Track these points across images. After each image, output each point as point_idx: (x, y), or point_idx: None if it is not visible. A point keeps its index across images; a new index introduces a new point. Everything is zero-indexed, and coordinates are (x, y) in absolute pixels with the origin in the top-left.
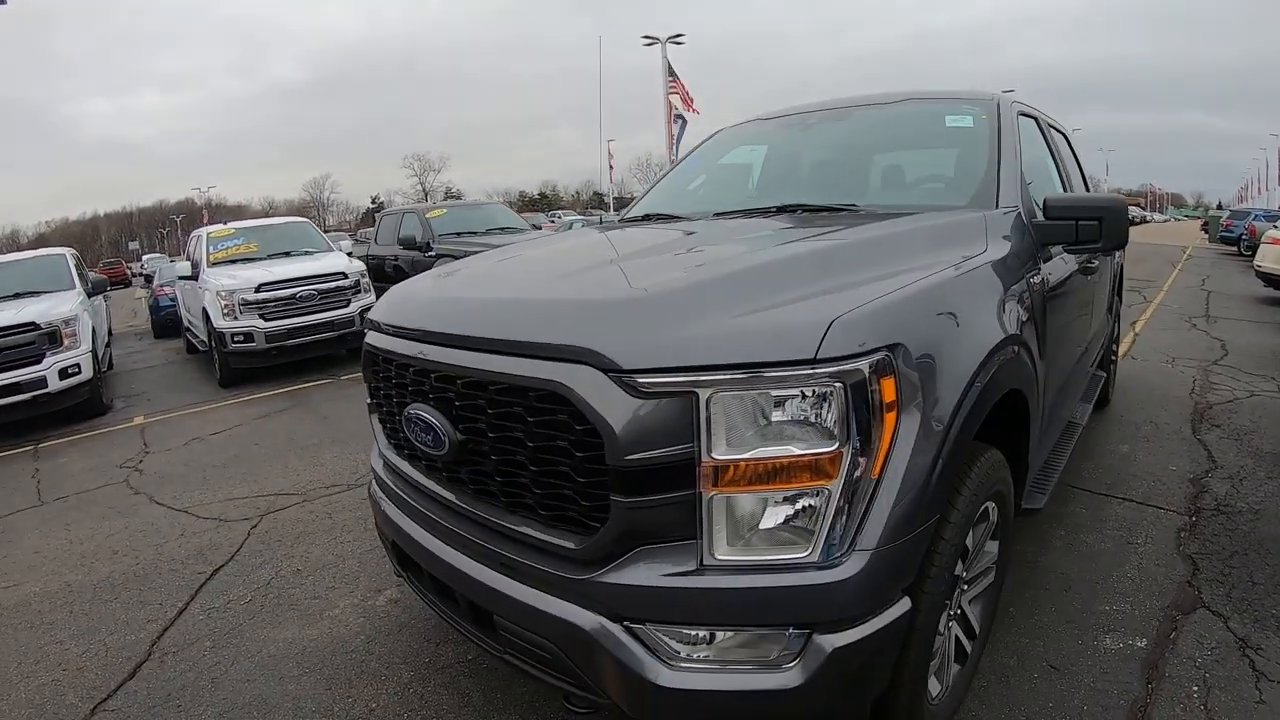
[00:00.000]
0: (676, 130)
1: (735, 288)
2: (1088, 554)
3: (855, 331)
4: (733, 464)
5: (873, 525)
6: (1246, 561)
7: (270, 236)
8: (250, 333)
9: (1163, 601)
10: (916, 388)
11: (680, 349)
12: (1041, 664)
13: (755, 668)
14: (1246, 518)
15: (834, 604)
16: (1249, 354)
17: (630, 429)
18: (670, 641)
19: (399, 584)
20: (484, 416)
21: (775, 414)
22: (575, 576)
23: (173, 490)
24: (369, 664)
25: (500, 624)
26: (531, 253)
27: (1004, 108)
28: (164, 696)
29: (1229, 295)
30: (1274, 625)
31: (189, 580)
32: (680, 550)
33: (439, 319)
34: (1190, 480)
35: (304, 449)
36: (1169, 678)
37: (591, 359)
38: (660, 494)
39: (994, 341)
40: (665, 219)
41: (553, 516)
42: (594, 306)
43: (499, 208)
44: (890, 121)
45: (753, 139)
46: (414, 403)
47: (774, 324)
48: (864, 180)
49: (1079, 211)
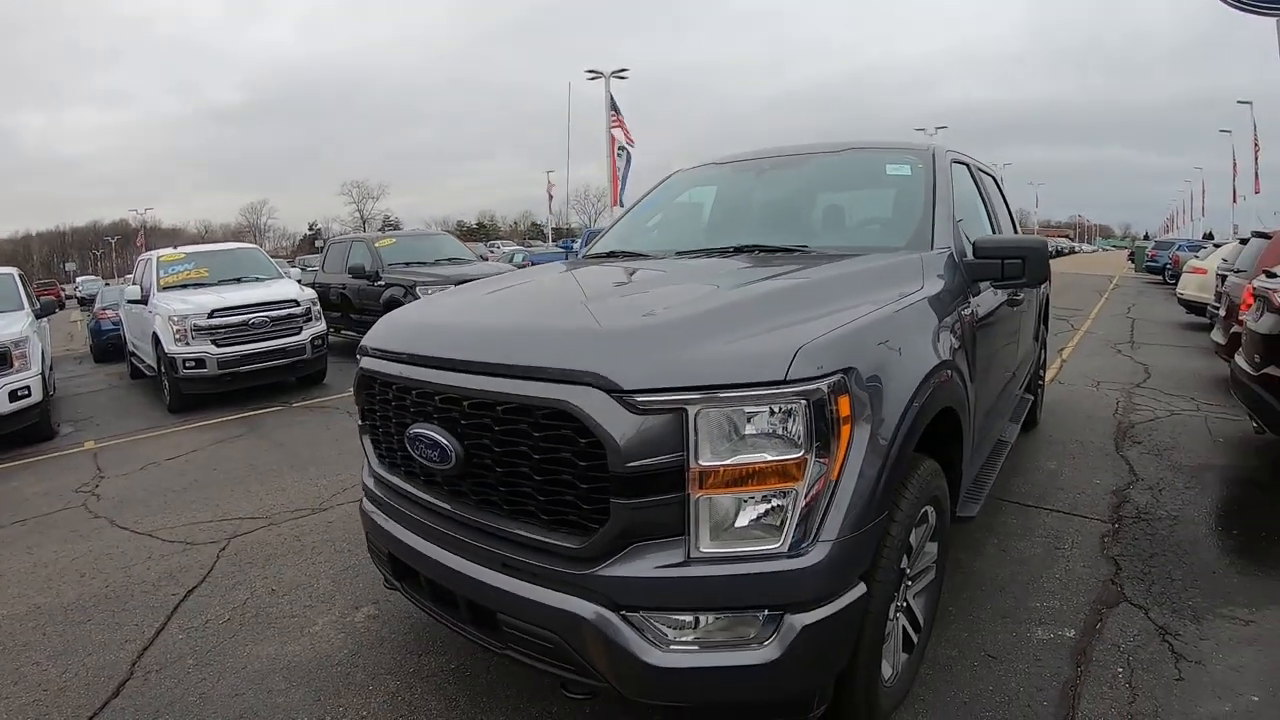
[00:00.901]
0: (621, 164)
1: (715, 321)
2: (1019, 559)
3: (816, 357)
4: (716, 469)
5: (833, 520)
6: (1165, 561)
7: (221, 262)
8: (203, 358)
9: (1089, 597)
10: (866, 405)
11: (672, 372)
12: (980, 654)
13: (736, 646)
14: (1166, 523)
15: (802, 587)
16: (1170, 376)
17: (630, 441)
18: (661, 627)
19: (376, 601)
20: (489, 433)
21: (751, 427)
22: (576, 572)
23: (134, 514)
24: (355, 676)
25: (504, 620)
26: (520, 286)
27: (938, 156)
28: (152, 713)
29: (1153, 322)
30: (1190, 615)
31: (162, 601)
32: (670, 545)
33: (444, 346)
34: (1113, 492)
35: (264, 474)
36: (1096, 662)
37: (596, 381)
38: (655, 496)
39: (930, 366)
40: (631, 256)
41: (553, 520)
42: (596, 336)
43: (447, 238)
44: (836, 169)
45: (706, 181)
46: (418, 423)
47: (750, 351)
48: (813, 223)
49: (1005, 252)
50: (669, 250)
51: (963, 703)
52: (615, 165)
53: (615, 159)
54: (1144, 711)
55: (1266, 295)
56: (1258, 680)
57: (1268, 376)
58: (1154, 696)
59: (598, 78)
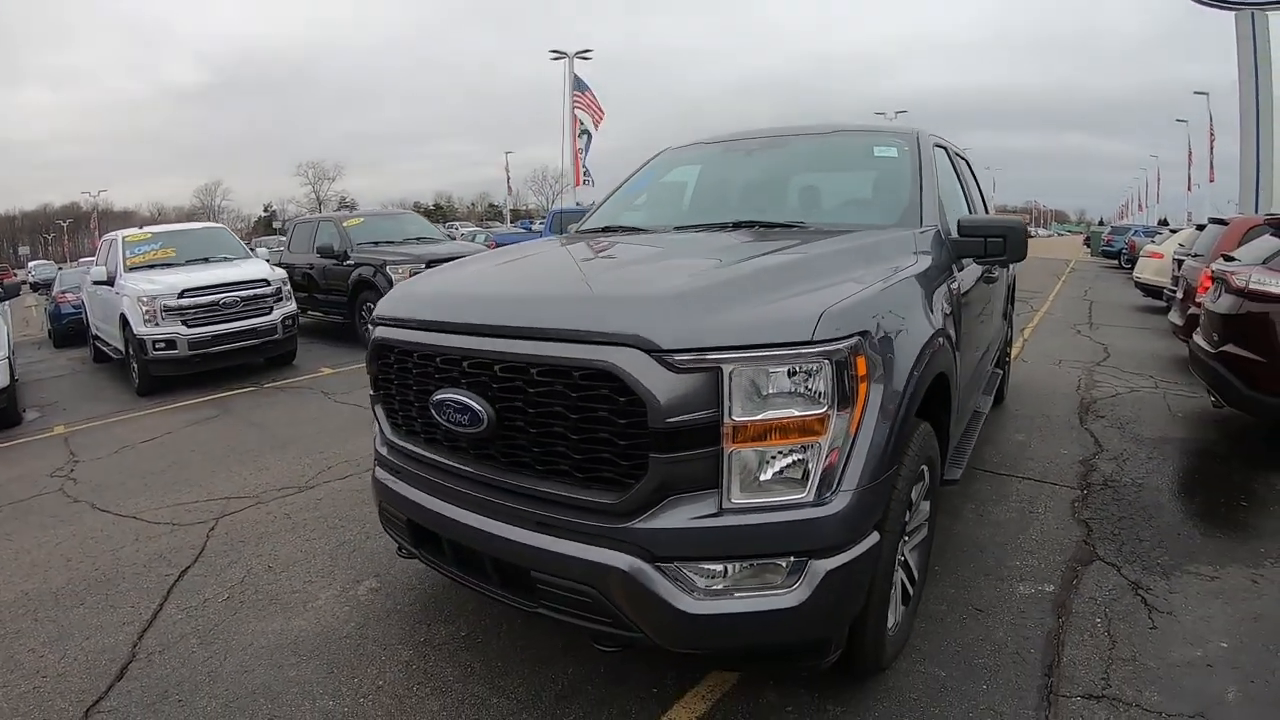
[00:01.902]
0: (583, 144)
1: (744, 286)
2: (996, 522)
3: (838, 321)
4: (748, 424)
5: (852, 471)
6: (1133, 524)
7: (188, 242)
8: (173, 339)
9: (1064, 556)
10: (879, 366)
11: (708, 333)
12: (968, 608)
13: (765, 592)
14: (1131, 490)
15: (826, 534)
16: (1129, 356)
17: (669, 398)
18: (693, 576)
19: (378, 574)
20: (523, 395)
21: (780, 384)
22: (612, 525)
23: (114, 497)
24: (365, 647)
25: (537, 578)
26: (531, 258)
27: (922, 140)
28: (160, 693)
29: (1110, 305)
30: (1159, 571)
31: (156, 583)
32: (703, 497)
33: (472, 312)
34: (1080, 461)
35: (244, 454)
36: (1076, 613)
37: (637, 343)
38: (691, 451)
39: (929, 333)
40: (629, 231)
41: (587, 477)
42: (636, 300)
43: (414, 217)
44: (825, 150)
45: (694, 160)
46: (445, 388)
47: (779, 314)
48: (805, 201)
49: (987, 230)
50: (665, 225)
51: (955, 651)
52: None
53: (576, 140)
54: (1123, 657)
55: (1224, 277)
56: (1225, 629)
57: (1226, 354)
58: (1132, 644)
59: (561, 58)
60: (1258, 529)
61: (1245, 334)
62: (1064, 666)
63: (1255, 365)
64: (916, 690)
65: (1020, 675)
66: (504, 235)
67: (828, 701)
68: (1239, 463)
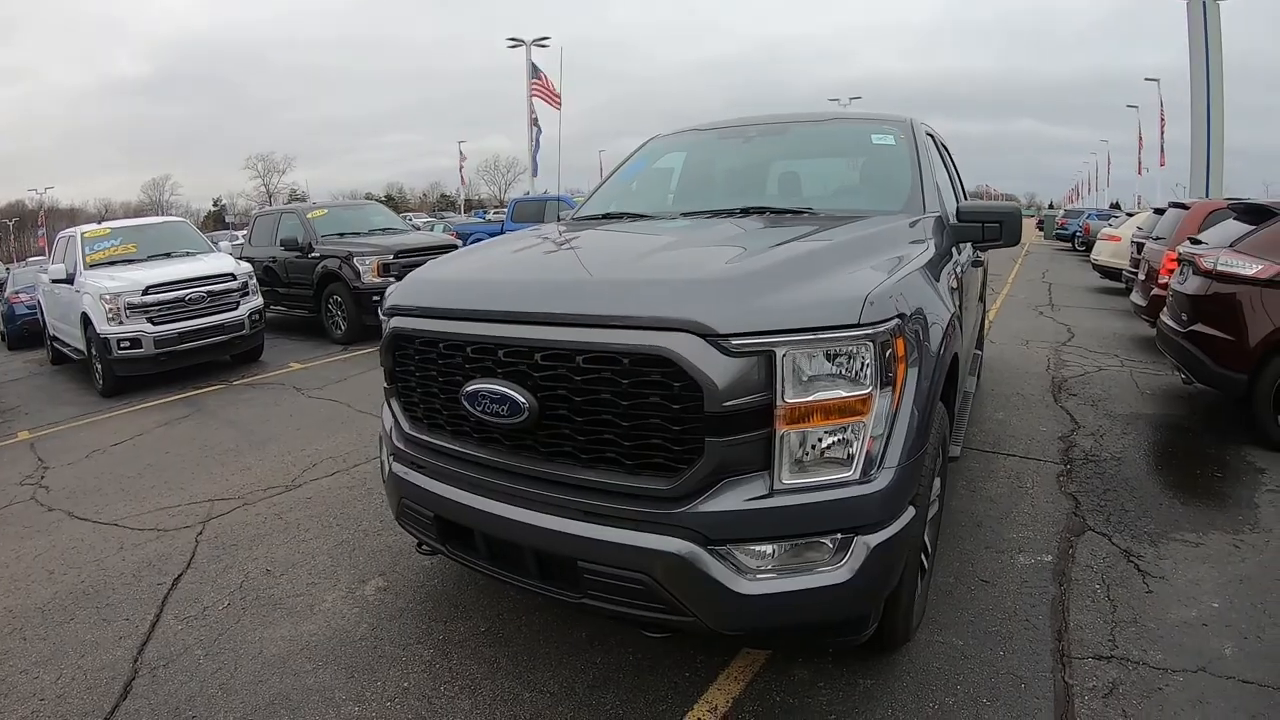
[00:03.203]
0: (534, 136)
1: (787, 271)
2: (989, 498)
3: (880, 303)
4: (799, 406)
5: (893, 448)
6: (1118, 496)
7: (150, 237)
8: (138, 338)
9: (1057, 528)
10: (914, 347)
11: (761, 317)
12: (974, 579)
13: (813, 570)
14: (1111, 464)
15: (871, 510)
16: (1093, 335)
17: (726, 382)
18: (745, 558)
19: (383, 572)
20: (567, 383)
21: (828, 366)
22: (665, 511)
23: (91, 504)
24: (383, 648)
25: (586, 567)
26: (545, 245)
27: (916, 127)
28: (171, 711)
29: (1069, 286)
30: (1148, 539)
31: (149, 593)
32: (755, 479)
33: (506, 300)
34: (1060, 438)
35: (223, 454)
36: (1076, 581)
37: (693, 327)
38: (746, 433)
39: (948, 316)
40: (634, 217)
41: (637, 464)
42: (689, 284)
43: (377, 207)
44: (822, 138)
45: (687, 147)
46: (478, 379)
47: (827, 298)
48: (809, 188)
49: (985, 216)
50: (671, 211)
51: (969, 620)
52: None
53: (532, 129)
54: (1125, 619)
55: (1193, 260)
56: (1215, 590)
57: (1195, 333)
58: (1131, 607)
59: (518, 45)
60: (1234, 498)
61: (1213, 314)
62: (1072, 631)
63: (1223, 343)
64: (939, 660)
65: (1033, 641)
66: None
67: (857, 675)
68: (1210, 436)
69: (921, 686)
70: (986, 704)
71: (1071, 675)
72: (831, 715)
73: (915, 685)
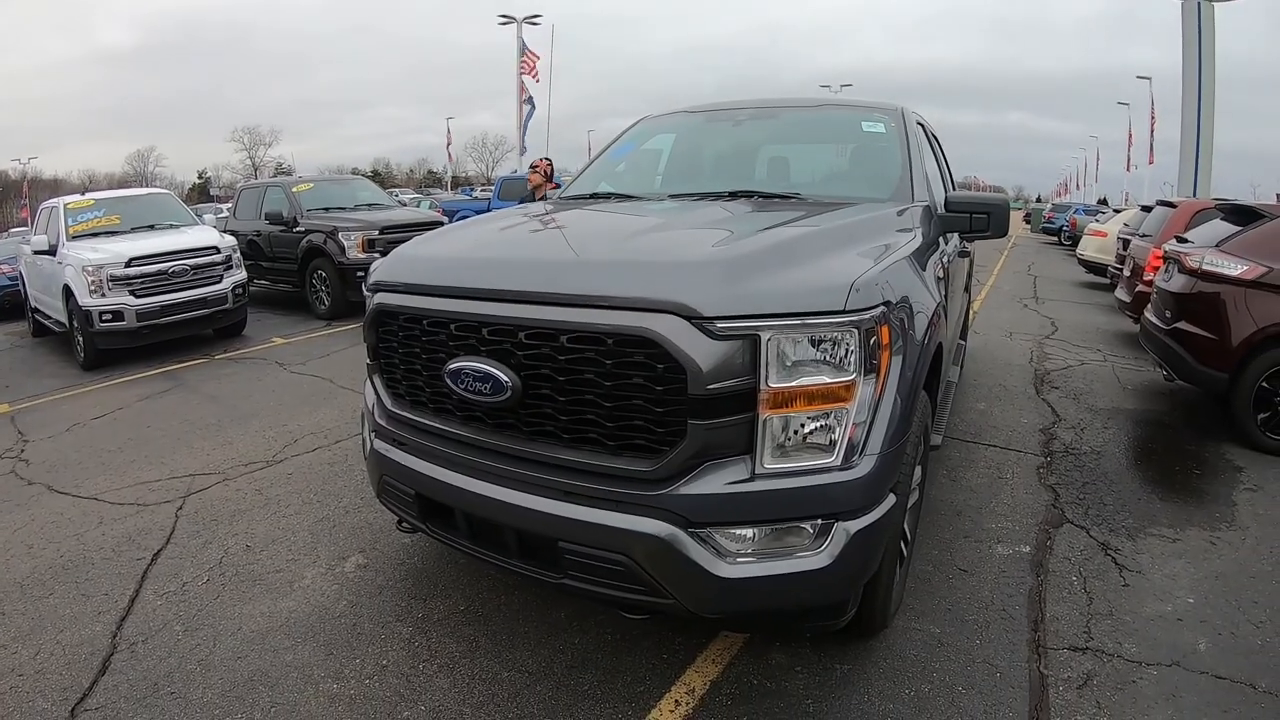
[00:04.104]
0: (527, 112)
1: (775, 255)
2: (969, 488)
3: (866, 290)
4: (782, 390)
5: (875, 436)
6: (1097, 489)
7: (133, 208)
8: (120, 310)
9: (1036, 519)
10: (899, 335)
11: (748, 301)
12: (953, 568)
13: (794, 554)
14: (1091, 457)
15: (852, 496)
16: (1076, 329)
17: (710, 365)
18: (725, 542)
19: (363, 549)
20: (551, 363)
21: (813, 352)
22: (646, 493)
23: (72, 478)
24: (362, 626)
25: (566, 548)
26: (531, 223)
27: (907, 116)
28: (150, 686)
29: (1054, 280)
30: (1125, 533)
31: (128, 568)
32: (737, 463)
33: (491, 277)
34: (1041, 430)
35: (204, 429)
36: (1053, 572)
37: (679, 309)
38: (729, 417)
39: (934, 305)
40: (622, 198)
41: (618, 445)
42: (676, 266)
43: (363, 182)
44: (813, 124)
45: (676, 129)
46: (461, 356)
47: (813, 283)
48: (797, 173)
49: (973, 207)
50: (659, 193)
51: (947, 609)
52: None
53: (522, 107)
54: (1101, 611)
55: (1178, 258)
56: (1190, 585)
57: (1178, 330)
58: (1107, 599)
59: (509, 23)
60: (1212, 495)
61: (1197, 312)
62: (1048, 622)
63: (1206, 341)
64: (916, 647)
65: (1009, 631)
66: (449, 203)
67: (834, 660)
68: (1190, 433)
69: (898, 673)
70: (962, 692)
71: (1047, 666)
72: (808, 700)
73: (892, 672)
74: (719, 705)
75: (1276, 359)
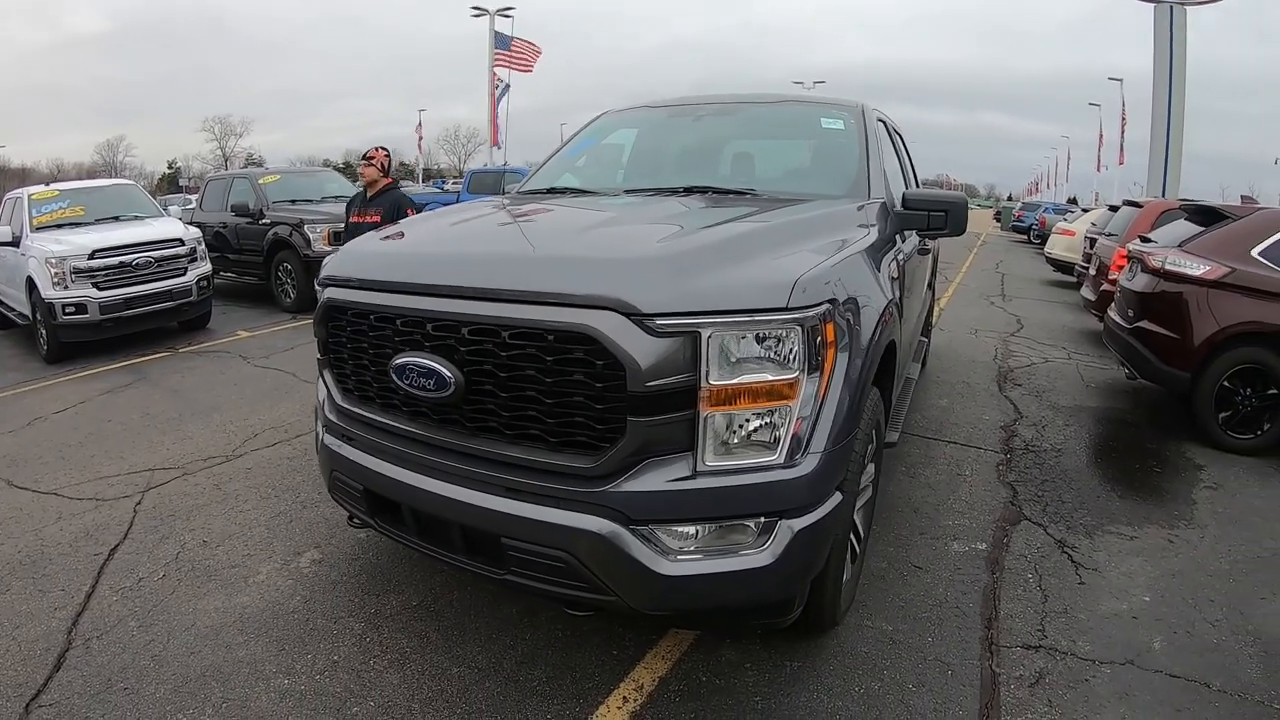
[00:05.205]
0: (499, 91)
1: (719, 252)
2: (927, 484)
3: (810, 288)
4: (723, 388)
5: (820, 434)
6: (1056, 487)
7: (98, 200)
8: (83, 303)
9: (993, 516)
10: (845, 333)
11: (688, 298)
12: (907, 565)
13: (736, 552)
14: (1052, 455)
15: (796, 495)
16: (1042, 327)
17: (648, 362)
18: (667, 539)
19: (318, 545)
20: (493, 359)
21: (755, 349)
22: (587, 490)
23: (31, 472)
24: (315, 621)
25: (509, 544)
26: (485, 219)
27: (867, 113)
28: (104, 682)
29: (1021, 278)
30: (1083, 531)
31: (85, 563)
32: (677, 461)
33: (436, 273)
34: (1002, 427)
35: (164, 423)
36: (1009, 569)
37: (617, 306)
38: (669, 414)
39: (884, 302)
40: (578, 193)
41: (560, 442)
42: (616, 262)
43: (331, 174)
44: (772, 119)
45: (637, 124)
46: (406, 352)
47: (756, 280)
48: (754, 169)
49: (931, 205)
50: (614, 189)
51: (900, 607)
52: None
53: (495, 99)
54: (1056, 610)
55: (1141, 258)
56: (1147, 584)
57: (1140, 330)
58: (1063, 597)
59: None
60: (1171, 493)
61: (1159, 312)
62: (1002, 619)
63: (1168, 341)
64: (868, 644)
65: (962, 628)
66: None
67: (784, 658)
68: (1152, 432)
69: (849, 670)
70: (912, 689)
71: (999, 664)
72: (757, 697)
73: (842, 669)
74: (667, 702)
75: (1238, 358)
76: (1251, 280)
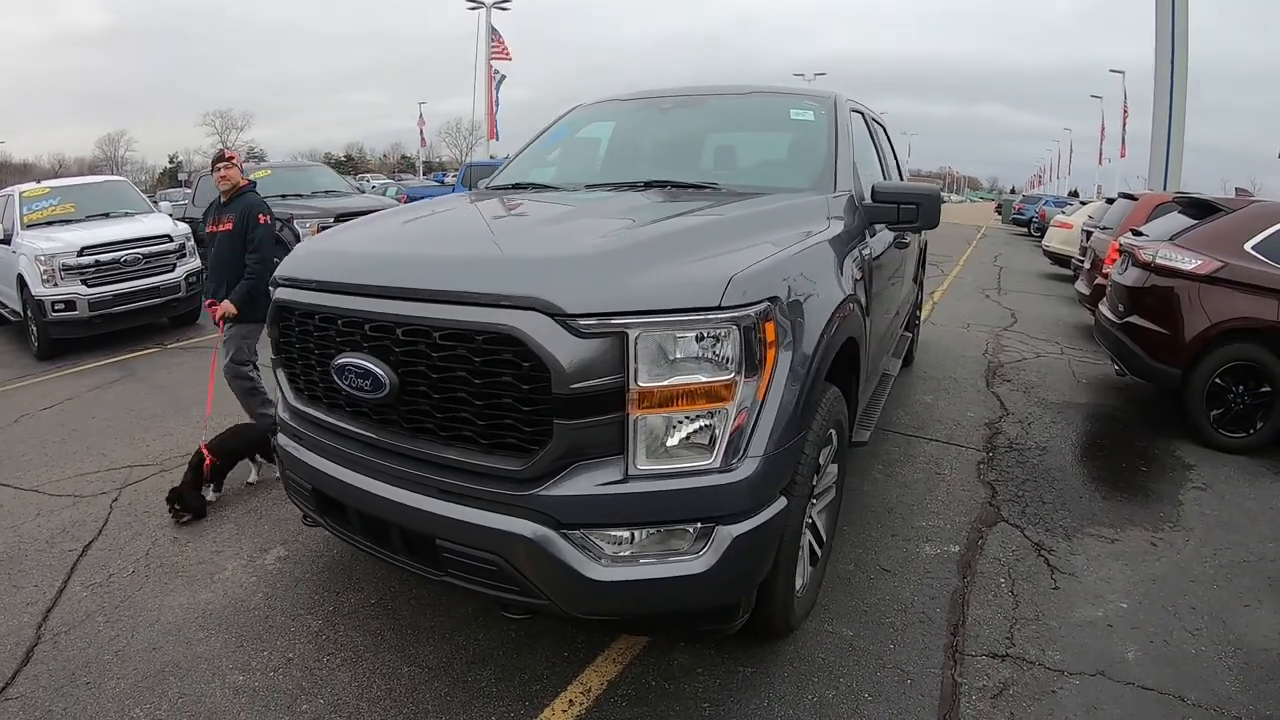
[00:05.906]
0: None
1: (651, 250)
2: (903, 483)
3: (747, 286)
4: (654, 390)
5: (759, 437)
6: (1037, 487)
7: (88, 196)
8: (73, 300)
9: (969, 517)
10: (788, 332)
11: (614, 298)
12: (875, 568)
13: (672, 558)
14: (1035, 453)
15: (733, 501)
16: (1035, 321)
17: (573, 364)
18: (599, 543)
19: (285, 541)
20: (425, 360)
21: (687, 350)
22: (517, 493)
23: (14, 469)
24: (274, 618)
25: (444, 546)
26: (438, 216)
27: (839, 104)
28: (68, 676)
29: (1019, 271)
30: (1062, 533)
31: (60, 559)
32: (608, 464)
33: (373, 274)
34: (986, 424)
35: (147, 420)
36: (981, 573)
37: (541, 306)
38: (596, 417)
39: (839, 299)
40: (540, 188)
41: (491, 444)
42: (539, 262)
43: (322, 169)
44: (741, 111)
45: (608, 117)
46: (346, 352)
47: (686, 279)
48: (719, 162)
49: (901, 197)
50: (577, 183)
51: (863, 611)
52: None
53: (491, 90)
54: (1026, 616)
55: (1132, 251)
56: (1125, 590)
57: (1130, 325)
58: (1035, 603)
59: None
60: (1157, 493)
61: (1150, 307)
62: (969, 626)
63: (1158, 337)
64: (825, 650)
65: (926, 634)
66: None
67: (738, 663)
68: (1140, 429)
69: (803, 677)
70: (868, 699)
71: (962, 673)
72: (706, 703)
73: (797, 676)
74: (614, 706)
75: (1230, 355)
76: (1245, 275)
